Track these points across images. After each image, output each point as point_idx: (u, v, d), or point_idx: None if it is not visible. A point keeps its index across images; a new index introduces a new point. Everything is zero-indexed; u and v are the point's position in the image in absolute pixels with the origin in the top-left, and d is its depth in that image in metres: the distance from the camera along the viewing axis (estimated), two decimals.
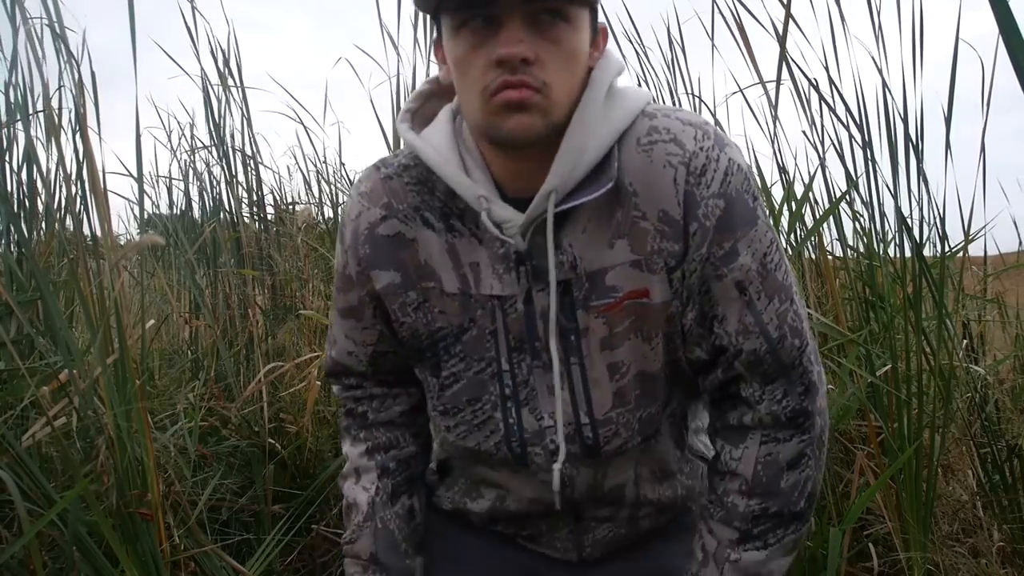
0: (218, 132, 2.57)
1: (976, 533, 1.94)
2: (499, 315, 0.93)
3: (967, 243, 1.97)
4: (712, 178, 0.87)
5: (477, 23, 0.82)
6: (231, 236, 2.64)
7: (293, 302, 2.62)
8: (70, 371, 1.49)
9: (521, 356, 0.94)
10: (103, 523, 1.41)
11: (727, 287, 0.89)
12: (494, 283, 0.92)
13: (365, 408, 1.09)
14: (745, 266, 0.89)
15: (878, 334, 1.95)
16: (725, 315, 0.90)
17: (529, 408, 0.96)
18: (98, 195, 1.53)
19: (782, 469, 0.94)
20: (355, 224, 0.98)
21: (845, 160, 1.92)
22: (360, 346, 1.05)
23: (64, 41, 1.53)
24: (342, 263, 1.01)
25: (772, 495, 0.94)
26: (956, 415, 1.96)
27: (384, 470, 1.08)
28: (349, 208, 0.99)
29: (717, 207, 0.87)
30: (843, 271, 2.20)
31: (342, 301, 1.03)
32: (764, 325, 0.90)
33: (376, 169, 0.98)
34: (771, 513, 0.94)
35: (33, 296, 1.71)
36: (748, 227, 0.89)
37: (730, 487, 0.96)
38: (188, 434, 1.83)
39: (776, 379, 0.93)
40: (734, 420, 0.96)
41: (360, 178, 1.00)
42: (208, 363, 2.40)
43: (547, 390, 0.95)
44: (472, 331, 0.94)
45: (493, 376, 0.96)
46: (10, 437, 1.43)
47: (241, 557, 1.91)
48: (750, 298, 0.90)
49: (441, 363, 0.98)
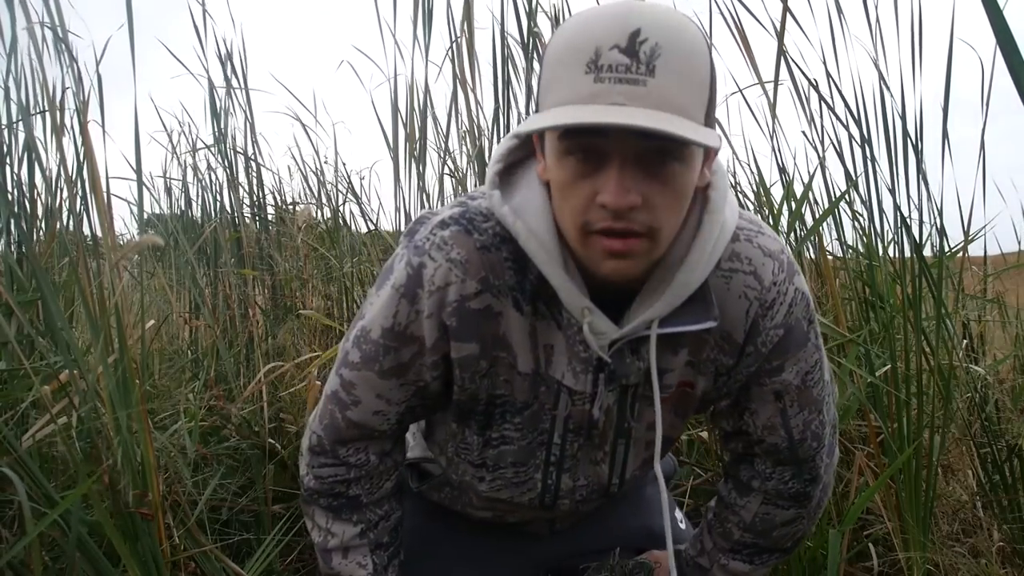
0: (221, 133, 2.57)
1: (976, 533, 1.94)
2: (564, 402, 0.95)
3: (967, 243, 1.97)
4: (778, 311, 0.92)
5: (583, 155, 0.76)
6: (231, 236, 2.64)
7: (293, 302, 2.62)
8: (71, 371, 1.49)
9: (576, 437, 0.99)
10: (106, 523, 1.41)
11: (765, 393, 0.97)
12: (567, 374, 0.93)
13: (357, 492, 1.03)
14: (787, 381, 0.96)
15: (878, 334, 1.95)
16: (757, 411, 0.99)
17: (570, 474, 1.03)
18: (98, 195, 1.53)
19: (776, 526, 1.07)
20: (442, 293, 0.87)
21: (844, 160, 1.92)
22: (393, 404, 0.96)
23: (66, 41, 1.53)
24: (400, 322, 0.90)
25: (764, 537, 1.08)
26: (956, 415, 1.96)
27: (378, 544, 1.05)
28: (435, 272, 0.87)
29: (776, 335, 0.93)
30: (843, 271, 2.20)
31: (389, 361, 0.92)
32: (790, 429, 0.99)
33: (467, 233, 0.87)
34: (761, 547, 1.09)
35: (34, 296, 1.71)
36: (798, 350, 0.95)
37: (731, 518, 1.09)
38: (188, 434, 1.83)
39: (788, 465, 1.03)
40: (744, 477, 1.07)
41: (446, 240, 0.87)
42: (208, 363, 2.40)
43: (589, 461, 1.02)
44: (534, 407, 0.96)
45: (542, 445, 1.00)
46: (10, 437, 1.43)
47: (241, 557, 1.91)
48: (784, 405, 0.98)
49: (493, 424, 0.99)
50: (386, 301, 0.90)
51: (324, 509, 1.04)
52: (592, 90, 0.71)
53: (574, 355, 0.91)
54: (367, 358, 0.93)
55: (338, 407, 0.98)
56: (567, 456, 1.00)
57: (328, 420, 0.99)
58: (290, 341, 2.51)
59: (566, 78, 0.73)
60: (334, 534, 1.04)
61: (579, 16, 0.75)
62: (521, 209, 0.84)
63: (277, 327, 2.55)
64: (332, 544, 1.04)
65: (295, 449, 2.21)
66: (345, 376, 0.96)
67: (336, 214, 2.91)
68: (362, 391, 0.95)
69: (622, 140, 0.73)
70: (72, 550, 1.41)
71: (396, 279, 0.89)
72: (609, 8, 0.73)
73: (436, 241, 0.87)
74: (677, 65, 0.71)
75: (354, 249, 2.77)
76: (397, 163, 2.17)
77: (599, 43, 0.70)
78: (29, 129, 1.67)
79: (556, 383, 0.93)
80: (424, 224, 0.90)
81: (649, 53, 0.70)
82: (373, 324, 0.92)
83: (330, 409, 0.99)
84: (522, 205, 0.84)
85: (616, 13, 0.72)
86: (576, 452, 1.00)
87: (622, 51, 0.70)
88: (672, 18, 0.73)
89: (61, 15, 1.50)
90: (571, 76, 0.72)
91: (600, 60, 0.70)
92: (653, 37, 0.70)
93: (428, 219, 0.91)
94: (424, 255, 0.87)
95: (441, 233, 0.87)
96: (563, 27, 0.76)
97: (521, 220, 0.83)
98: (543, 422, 0.98)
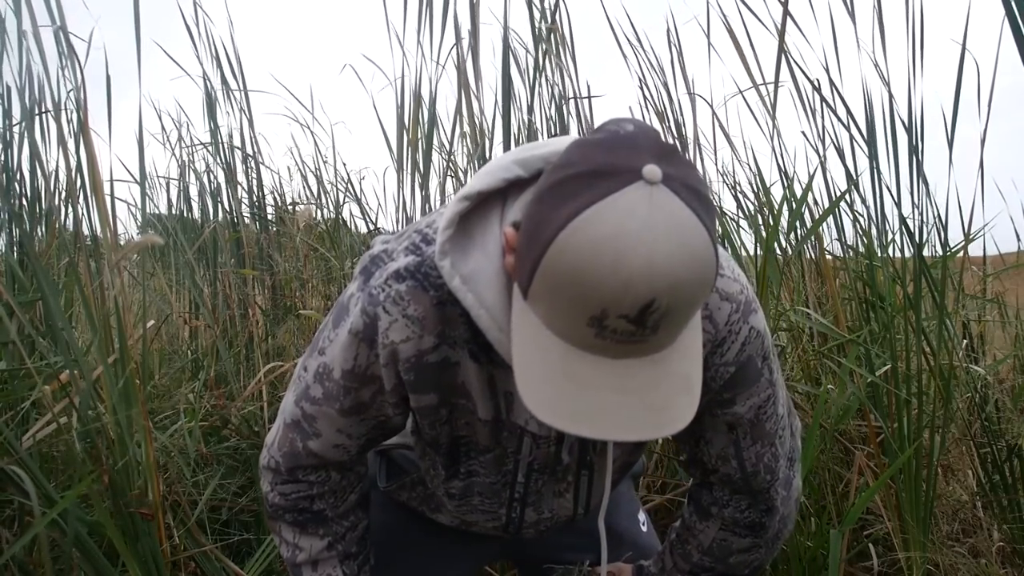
0: (216, 134, 2.57)
1: (976, 533, 1.94)
2: (528, 446, 0.97)
3: (967, 242, 1.97)
4: (729, 349, 0.91)
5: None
6: (231, 236, 2.64)
7: (293, 302, 2.62)
8: (71, 371, 1.49)
9: (540, 475, 1.01)
10: (107, 523, 1.41)
11: (718, 423, 0.98)
12: (531, 421, 0.93)
13: (322, 506, 1.02)
14: (739, 414, 0.96)
15: (878, 334, 1.95)
16: (712, 440, 1.00)
17: (534, 507, 1.05)
18: (99, 195, 1.53)
19: (733, 552, 1.08)
20: (398, 347, 0.85)
21: (845, 160, 1.92)
22: (354, 438, 0.96)
23: (69, 44, 1.53)
24: (360, 364, 0.88)
25: (721, 563, 1.10)
26: (956, 415, 1.96)
27: (347, 555, 1.06)
28: (389, 327, 0.85)
29: (727, 372, 0.92)
30: (843, 271, 2.20)
31: (350, 400, 0.91)
32: (743, 460, 1.00)
33: (423, 290, 0.84)
34: (718, 572, 1.10)
35: (34, 297, 1.71)
36: (751, 385, 0.95)
37: (691, 540, 1.10)
38: (188, 434, 1.83)
39: (743, 494, 1.04)
40: (704, 502, 1.08)
41: (402, 295, 0.84)
42: (208, 363, 2.40)
43: (553, 494, 1.04)
44: (496, 451, 0.98)
45: (506, 485, 1.02)
46: (11, 437, 1.43)
47: (241, 557, 1.91)
48: (737, 437, 0.98)
49: (460, 460, 1.00)
50: (345, 344, 0.88)
51: (290, 524, 1.03)
52: (592, 343, 0.69)
53: None
54: (328, 396, 0.92)
55: (299, 436, 0.97)
56: (531, 492, 1.03)
57: (288, 448, 0.98)
58: (290, 341, 2.51)
59: (567, 316, 0.68)
60: (302, 548, 1.04)
61: (591, 251, 0.65)
62: (472, 278, 0.80)
63: (277, 327, 2.55)
64: (301, 558, 1.04)
65: None
66: (306, 409, 0.94)
67: (337, 214, 2.91)
68: (323, 425, 0.95)
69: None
70: (69, 548, 1.41)
71: (353, 324, 0.87)
72: (623, 262, 0.64)
73: (392, 295, 0.84)
74: (681, 317, 0.69)
75: (354, 249, 2.77)
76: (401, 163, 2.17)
77: (606, 307, 0.65)
78: (31, 130, 1.67)
79: (519, 428, 0.94)
80: (379, 267, 0.87)
81: (657, 319, 0.67)
82: (334, 364, 0.90)
83: (291, 437, 0.97)
84: (474, 274, 0.81)
85: (630, 275, 0.64)
86: (540, 488, 1.03)
87: (630, 321, 0.66)
88: (690, 265, 0.66)
89: (63, 16, 1.51)
90: (572, 318, 0.68)
91: (605, 322, 0.67)
92: (664, 303, 0.66)
93: (382, 261, 0.87)
94: (378, 306, 0.85)
95: (397, 287, 0.84)
96: (571, 247, 0.66)
97: (472, 292, 0.80)
98: (506, 464, 0.99)
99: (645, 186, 0.65)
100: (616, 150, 0.68)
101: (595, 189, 0.66)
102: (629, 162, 0.66)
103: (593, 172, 0.67)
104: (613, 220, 0.65)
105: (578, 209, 0.66)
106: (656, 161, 0.66)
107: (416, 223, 0.91)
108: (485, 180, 0.82)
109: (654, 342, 0.69)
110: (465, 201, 0.82)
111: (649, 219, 0.64)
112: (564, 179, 0.69)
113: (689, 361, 0.73)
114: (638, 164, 0.66)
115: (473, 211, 0.83)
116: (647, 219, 0.64)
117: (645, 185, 0.65)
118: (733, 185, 2.42)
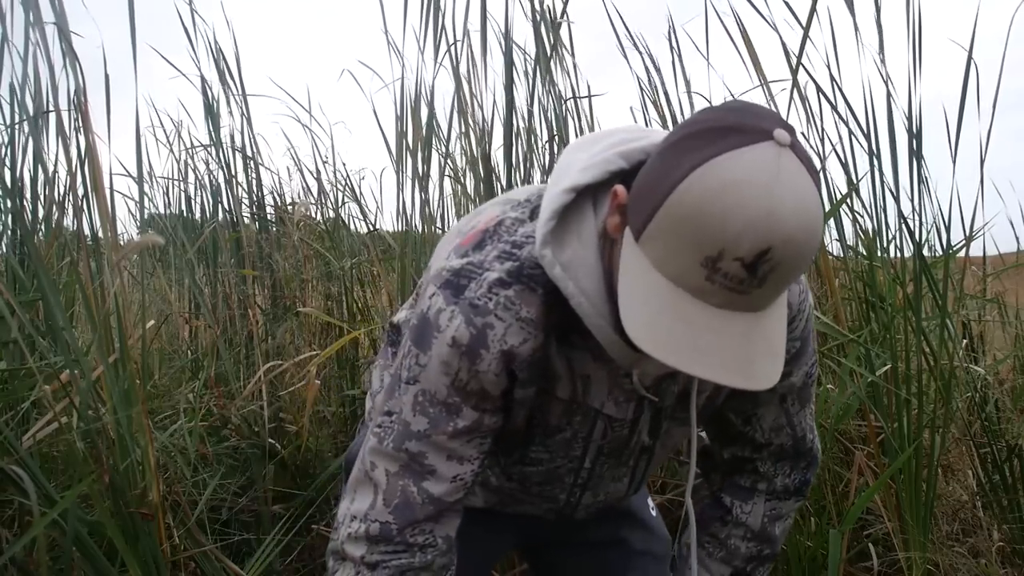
0: (217, 134, 2.57)
1: (976, 533, 1.94)
2: (601, 428, 0.97)
3: (969, 241, 1.98)
4: (798, 325, 0.97)
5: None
6: (231, 236, 2.64)
7: (293, 302, 2.62)
8: (71, 371, 1.49)
9: (607, 460, 1.02)
10: (108, 523, 1.41)
11: (772, 396, 1.02)
12: (607, 403, 0.94)
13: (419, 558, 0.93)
14: (793, 384, 1.01)
15: (878, 334, 1.95)
16: (763, 415, 1.04)
17: (592, 492, 1.06)
18: (100, 195, 1.53)
19: (779, 519, 1.11)
20: (517, 351, 0.85)
21: (846, 161, 1.92)
22: (466, 463, 0.92)
23: (69, 43, 1.53)
24: (462, 378, 0.87)
25: (768, 541, 1.11)
26: (956, 415, 1.96)
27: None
28: (506, 332, 0.85)
29: (794, 347, 0.98)
30: (843, 271, 2.20)
31: (460, 421, 0.88)
32: (795, 427, 1.05)
33: (531, 291, 0.85)
34: (764, 555, 1.12)
35: (35, 296, 1.71)
36: (808, 357, 1.01)
37: (735, 533, 1.11)
38: (188, 434, 1.83)
39: (789, 459, 1.08)
40: (745, 483, 1.10)
41: (512, 300, 0.85)
42: (208, 363, 2.40)
43: (612, 478, 1.05)
44: (566, 433, 0.98)
45: (571, 471, 1.03)
46: (11, 437, 1.43)
47: (241, 557, 1.91)
48: (787, 406, 1.03)
49: (528, 444, 0.99)
50: (445, 359, 0.86)
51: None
52: (701, 285, 0.71)
53: (616, 386, 0.93)
54: (436, 421, 0.89)
55: (412, 480, 0.90)
56: (594, 476, 1.04)
57: (400, 499, 0.90)
58: (290, 340, 2.51)
59: (682, 256, 0.70)
60: None
61: (718, 191, 0.68)
62: (572, 267, 0.82)
63: (277, 327, 2.55)
64: None
65: (295, 449, 2.21)
66: (412, 449, 0.90)
67: (336, 213, 2.91)
68: (435, 459, 0.90)
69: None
70: (69, 548, 1.41)
71: (456, 337, 0.85)
72: (750, 205, 0.67)
73: (502, 301, 0.85)
74: (787, 276, 0.71)
75: (353, 250, 2.77)
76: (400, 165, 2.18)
77: (725, 247, 0.68)
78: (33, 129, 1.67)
79: (594, 411, 0.95)
80: (471, 279, 0.86)
81: (767, 270, 0.69)
82: (436, 386, 0.88)
83: (400, 486, 0.90)
84: (573, 262, 0.82)
85: (755, 218, 0.67)
86: (603, 472, 1.04)
87: (744, 266, 0.69)
88: (807, 225, 0.69)
89: (64, 15, 1.51)
90: (687, 258, 0.70)
91: (719, 264, 0.69)
92: (779, 255, 0.68)
93: (475, 274, 0.86)
94: (489, 315, 0.84)
95: (505, 293, 0.85)
96: (699, 187, 0.68)
97: (572, 280, 0.82)
98: (574, 449, 0.99)
99: (775, 146, 0.68)
100: (746, 114, 0.71)
101: (728, 140, 0.69)
102: (760, 123, 0.70)
103: (725, 128, 0.70)
104: (743, 168, 0.68)
105: (710, 155, 0.69)
106: (784, 128, 0.70)
107: (483, 233, 0.90)
108: (590, 173, 0.83)
109: (757, 297, 0.71)
110: (571, 193, 0.83)
111: (777, 175, 0.68)
112: (693, 133, 0.72)
113: (778, 329, 0.75)
114: (769, 127, 0.69)
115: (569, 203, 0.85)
116: (775, 174, 0.68)
117: (775, 146, 0.68)
118: None
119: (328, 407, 2.34)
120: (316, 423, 2.26)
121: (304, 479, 2.20)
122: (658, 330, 0.72)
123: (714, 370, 0.71)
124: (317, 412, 2.25)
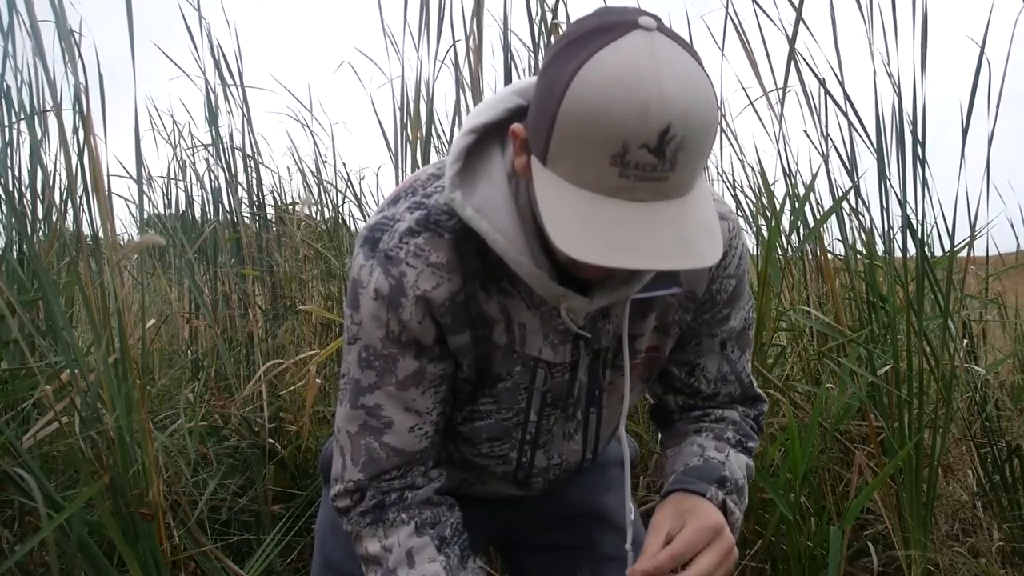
0: (217, 133, 2.57)
1: (976, 533, 1.94)
2: (542, 376, 0.96)
3: (972, 240, 1.98)
4: (730, 263, 0.99)
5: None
6: (231, 236, 2.64)
7: (293, 301, 2.62)
8: (72, 371, 1.49)
9: (552, 411, 1.00)
10: (108, 523, 1.41)
11: (713, 344, 1.03)
12: (544, 349, 0.94)
13: (402, 495, 0.95)
14: (733, 329, 1.03)
15: (879, 334, 1.95)
16: (706, 365, 1.05)
17: (544, 450, 1.04)
18: (100, 195, 1.53)
19: (748, 439, 1.08)
20: (431, 295, 0.87)
21: (846, 161, 1.92)
22: (424, 414, 0.94)
23: (68, 43, 1.53)
24: (393, 329, 0.89)
25: (747, 436, 1.07)
26: (956, 415, 1.96)
27: (443, 540, 0.95)
28: (418, 278, 0.87)
29: (730, 285, 1.00)
30: (844, 271, 2.20)
31: (402, 370, 0.91)
32: (738, 373, 1.06)
33: (439, 236, 0.87)
34: (748, 448, 1.07)
35: (35, 296, 1.71)
36: (744, 299, 1.03)
37: (715, 427, 1.07)
38: (188, 434, 1.83)
39: (738, 404, 1.09)
40: (704, 426, 1.07)
41: (421, 247, 0.87)
42: (208, 363, 2.40)
43: (563, 435, 1.04)
44: (507, 383, 0.97)
45: (518, 425, 1.01)
46: (11, 437, 1.43)
47: (241, 557, 1.91)
48: (727, 352, 1.04)
49: (476, 398, 0.99)
50: (373, 312, 0.89)
51: (369, 529, 0.95)
52: (617, 184, 0.72)
53: (551, 329, 0.93)
54: (383, 373, 0.91)
55: (372, 436, 0.93)
56: (543, 431, 1.02)
57: (365, 456, 0.94)
58: (290, 340, 2.51)
59: (589, 161, 0.71)
60: (389, 549, 0.94)
61: (604, 88, 0.69)
62: (484, 208, 0.84)
63: (277, 326, 2.55)
64: (392, 561, 0.93)
65: (295, 449, 2.21)
66: (367, 403, 0.93)
67: (336, 214, 2.91)
68: (390, 410, 0.92)
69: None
70: (73, 550, 1.41)
71: (377, 289, 0.88)
72: (638, 92, 0.68)
73: (411, 249, 0.87)
74: (696, 151, 0.72)
75: (353, 249, 2.76)
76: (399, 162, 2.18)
77: (627, 138, 0.69)
78: (32, 129, 1.67)
79: (532, 359, 0.95)
80: (386, 231, 0.89)
81: (675, 149, 0.70)
82: (371, 339, 0.90)
83: (363, 444, 0.93)
84: (484, 204, 0.84)
85: (646, 101, 0.68)
86: (551, 426, 1.02)
87: (651, 151, 0.70)
88: (698, 95, 0.70)
89: (64, 14, 1.51)
90: (595, 161, 0.71)
91: (627, 156, 0.70)
92: (680, 131, 0.69)
93: (388, 226, 0.89)
94: (401, 264, 0.87)
95: (414, 241, 0.87)
96: (585, 90, 0.70)
97: (486, 219, 0.84)
98: (518, 401, 0.98)
99: (644, 32, 0.70)
100: (606, 14, 0.73)
101: (597, 40, 0.71)
102: (622, 17, 0.72)
103: (590, 31, 0.72)
104: (620, 60, 0.69)
105: (585, 58, 0.70)
106: (647, 15, 0.72)
107: (400, 190, 0.93)
108: (487, 113, 0.85)
109: (675, 180, 0.72)
110: (472, 135, 0.85)
111: (654, 56, 0.70)
112: (563, 47, 0.74)
113: (707, 210, 0.76)
114: (632, 18, 0.71)
115: (474, 145, 0.86)
116: (652, 56, 0.69)
117: (644, 32, 0.71)
118: (733, 185, 2.42)
119: (328, 407, 2.34)
120: (316, 423, 2.26)
121: (304, 479, 2.20)
122: (591, 239, 0.72)
123: (655, 259, 0.72)
124: (317, 412, 2.25)
